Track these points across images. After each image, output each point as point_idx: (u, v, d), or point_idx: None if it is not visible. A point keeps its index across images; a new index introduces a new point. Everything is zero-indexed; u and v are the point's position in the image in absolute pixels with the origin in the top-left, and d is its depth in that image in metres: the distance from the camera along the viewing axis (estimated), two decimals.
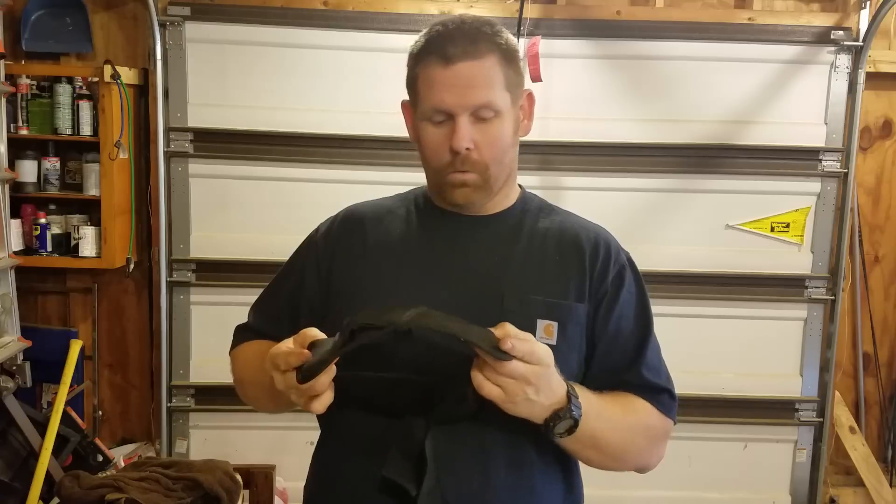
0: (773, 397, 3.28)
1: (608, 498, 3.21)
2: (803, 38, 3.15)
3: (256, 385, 1.20)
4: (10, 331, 2.79)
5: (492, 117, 1.13)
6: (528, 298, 1.15)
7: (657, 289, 3.16)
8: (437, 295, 1.13)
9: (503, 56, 1.14)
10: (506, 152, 1.17)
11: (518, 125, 1.19)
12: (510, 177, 1.22)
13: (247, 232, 3.16)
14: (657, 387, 1.20)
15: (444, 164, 1.15)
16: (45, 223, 3.06)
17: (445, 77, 1.11)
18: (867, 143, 3.36)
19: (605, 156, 3.17)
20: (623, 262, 1.23)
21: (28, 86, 3.03)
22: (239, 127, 3.11)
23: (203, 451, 3.16)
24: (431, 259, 1.19)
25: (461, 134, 1.11)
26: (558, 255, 1.20)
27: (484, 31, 1.14)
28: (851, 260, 3.35)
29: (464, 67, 1.11)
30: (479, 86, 1.11)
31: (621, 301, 1.20)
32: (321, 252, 1.26)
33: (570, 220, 1.27)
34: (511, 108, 1.16)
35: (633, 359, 1.20)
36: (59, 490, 2.33)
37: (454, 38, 1.12)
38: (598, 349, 1.19)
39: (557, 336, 1.14)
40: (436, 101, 1.12)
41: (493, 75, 1.12)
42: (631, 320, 1.21)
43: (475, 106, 1.11)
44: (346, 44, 3.10)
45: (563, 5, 3.18)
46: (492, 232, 1.21)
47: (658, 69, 3.17)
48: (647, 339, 1.22)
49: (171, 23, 3.07)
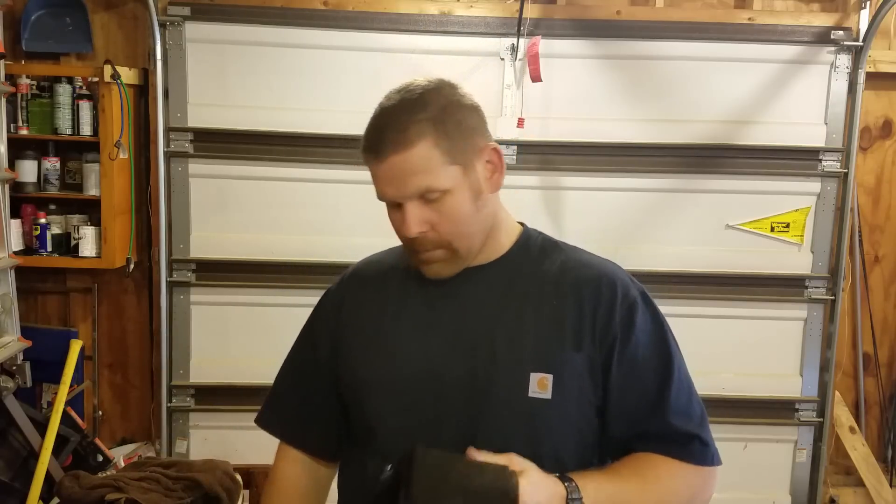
0: (773, 397, 3.28)
1: None
2: (803, 38, 3.15)
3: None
4: (10, 331, 2.78)
5: (439, 197, 1.10)
6: (520, 352, 1.12)
7: (657, 289, 3.14)
8: (433, 353, 1.15)
9: (438, 133, 1.08)
10: (468, 223, 1.12)
11: (480, 188, 1.13)
12: (493, 230, 1.18)
13: (246, 232, 3.16)
14: (685, 435, 1.13)
15: (407, 244, 1.15)
16: (45, 223, 3.06)
17: (381, 172, 1.10)
18: (867, 143, 3.36)
19: (605, 156, 3.17)
20: (633, 298, 1.15)
21: (28, 86, 3.03)
22: (239, 127, 3.11)
23: (203, 451, 3.16)
24: (429, 317, 1.19)
25: (408, 224, 1.10)
26: (556, 299, 1.15)
27: (416, 109, 1.09)
28: (851, 260, 3.35)
29: (395, 161, 1.08)
30: (414, 174, 1.08)
31: (633, 343, 1.13)
32: (329, 322, 1.28)
33: (574, 257, 1.21)
34: (463, 178, 1.10)
35: (655, 404, 1.13)
36: (59, 490, 2.33)
37: (383, 128, 1.10)
38: (613, 397, 1.13)
39: (552, 389, 1.10)
40: (380, 193, 1.13)
41: (429, 159, 1.08)
42: (648, 362, 1.14)
43: (415, 194, 1.09)
44: (346, 44, 3.10)
45: (563, 5, 3.18)
46: (486, 283, 1.18)
47: (658, 69, 3.17)
48: (669, 380, 1.14)
49: (171, 23, 3.07)
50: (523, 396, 1.10)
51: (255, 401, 1.42)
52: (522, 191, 3.14)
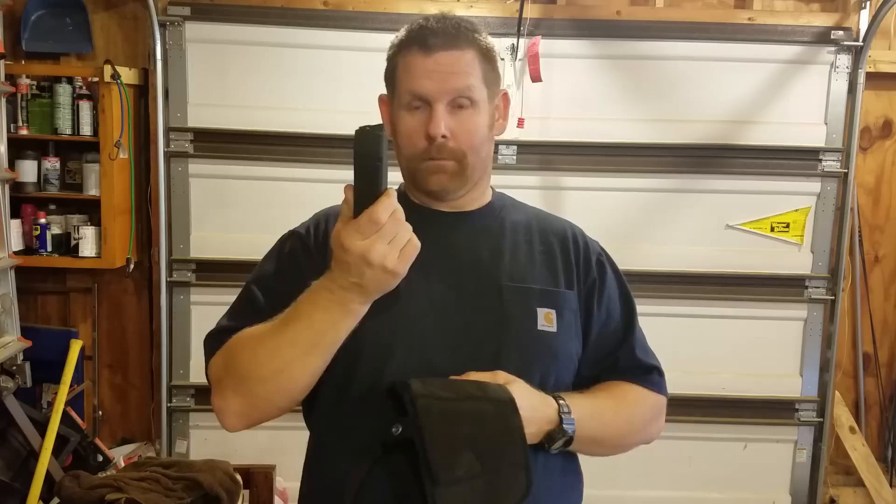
0: (773, 397, 3.28)
1: (608, 498, 3.22)
2: (803, 38, 3.15)
3: (283, 345, 1.04)
4: (10, 331, 2.78)
5: (468, 106, 1.14)
6: (525, 288, 1.17)
7: (657, 289, 3.16)
8: (436, 291, 1.14)
9: (482, 53, 1.17)
10: (482, 144, 1.18)
11: (493, 122, 1.21)
12: (486, 173, 1.23)
13: (247, 232, 3.15)
14: (647, 366, 1.26)
15: (419, 151, 1.15)
16: (45, 223, 3.06)
17: (426, 64, 1.13)
18: (867, 143, 3.36)
19: (605, 156, 3.17)
20: (598, 249, 1.28)
21: (28, 86, 3.03)
22: (239, 127, 3.11)
23: (203, 451, 3.16)
24: (424, 255, 1.13)
25: (437, 121, 1.12)
26: (542, 245, 1.23)
27: (465, 27, 1.17)
28: (851, 260, 3.35)
29: (444, 56, 1.13)
30: (458, 73, 1.13)
31: (608, 286, 1.25)
32: (315, 254, 1.19)
33: (541, 214, 1.31)
34: (487, 102, 1.17)
35: (623, 339, 1.25)
36: (59, 490, 2.32)
37: (435, 30, 1.15)
38: (593, 333, 1.22)
39: (556, 323, 1.17)
40: (414, 87, 1.14)
41: (472, 67, 1.15)
42: (618, 303, 1.26)
43: (454, 92, 1.13)
44: (346, 44, 3.10)
45: (563, 5, 3.18)
46: (478, 226, 1.22)
47: (658, 69, 3.17)
48: (633, 319, 1.27)
49: (171, 23, 3.07)
50: (534, 329, 1.15)
51: None
52: (522, 191, 3.11)
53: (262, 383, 1.07)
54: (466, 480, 1.00)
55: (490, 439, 1.02)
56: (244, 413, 1.11)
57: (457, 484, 0.99)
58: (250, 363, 1.07)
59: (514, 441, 1.03)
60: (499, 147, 3.13)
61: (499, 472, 1.02)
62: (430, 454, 0.99)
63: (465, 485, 1.00)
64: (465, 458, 1.00)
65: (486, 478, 1.01)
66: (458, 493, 0.99)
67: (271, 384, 1.07)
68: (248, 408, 1.10)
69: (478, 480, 1.00)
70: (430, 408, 1.01)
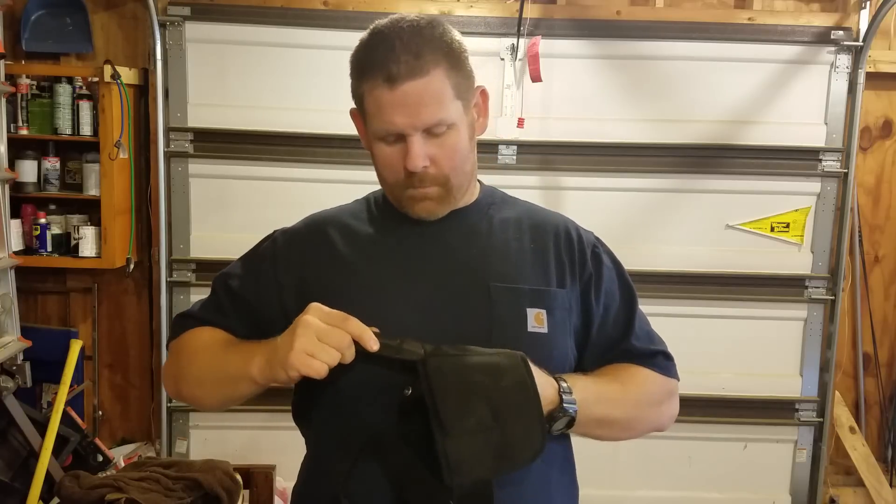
0: (772, 397, 3.28)
1: (608, 498, 3.22)
2: (803, 38, 3.15)
3: (215, 368, 1.16)
4: (10, 331, 2.78)
5: (445, 131, 1.09)
6: (514, 288, 1.14)
7: (657, 289, 3.16)
8: (422, 293, 1.13)
9: (449, 63, 1.08)
10: (465, 159, 1.13)
11: (473, 128, 1.15)
12: (472, 179, 1.20)
13: (247, 232, 3.12)
14: (652, 351, 1.24)
15: (401, 180, 1.12)
16: (45, 223, 3.06)
17: (393, 99, 1.06)
18: (867, 143, 3.36)
19: (605, 156, 3.17)
20: (593, 241, 1.26)
21: (28, 86, 3.03)
22: (239, 127, 3.11)
23: (203, 451, 3.16)
24: (409, 257, 1.15)
25: (414, 156, 1.08)
26: (532, 242, 1.20)
27: (427, 36, 1.07)
28: (851, 260, 3.35)
29: (410, 87, 1.05)
30: (428, 104, 1.06)
31: (605, 278, 1.22)
32: (291, 261, 1.20)
33: (533, 208, 1.28)
34: (464, 115, 1.12)
35: (625, 330, 1.23)
36: (59, 490, 2.32)
37: (397, 53, 1.05)
38: (594, 328, 1.20)
39: (547, 323, 1.13)
40: (386, 124, 1.08)
41: (442, 90, 1.07)
42: (617, 294, 1.23)
43: (426, 125, 1.07)
44: (346, 44, 3.04)
45: (563, 5, 3.18)
46: (465, 225, 1.19)
47: (658, 69, 3.17)
48: (634, 308, 1.25)
49: (171, 23, 3.07)
50: (524, 331, 1.12)
51: (255, 401, 1.42)
52: (522, 191, 3.11)
53: (195, 385, 1.22)
54: (480, 433, 0.96)
55: (504, 393, 0.98)
56: (177, 394, 1.28)
57: (470, 435, 0.95)
58: (190, 366, 1.21)
59: (528, 396, 0.99)
60: (499, 147, 3.13)
61: (514, 425, 0.98)
62: (440, 406, 0.95)
63: (478, 437, 0.95)
64: (477, 409, 0.96)
65: (500, 430, 0.96)
66: (470, 444, 0.95)
67: (196, 390, 1.22)
68: (180, 394, 1.27)
69: (492, 433, 0.96)
70: (441, 364, 0.98)
